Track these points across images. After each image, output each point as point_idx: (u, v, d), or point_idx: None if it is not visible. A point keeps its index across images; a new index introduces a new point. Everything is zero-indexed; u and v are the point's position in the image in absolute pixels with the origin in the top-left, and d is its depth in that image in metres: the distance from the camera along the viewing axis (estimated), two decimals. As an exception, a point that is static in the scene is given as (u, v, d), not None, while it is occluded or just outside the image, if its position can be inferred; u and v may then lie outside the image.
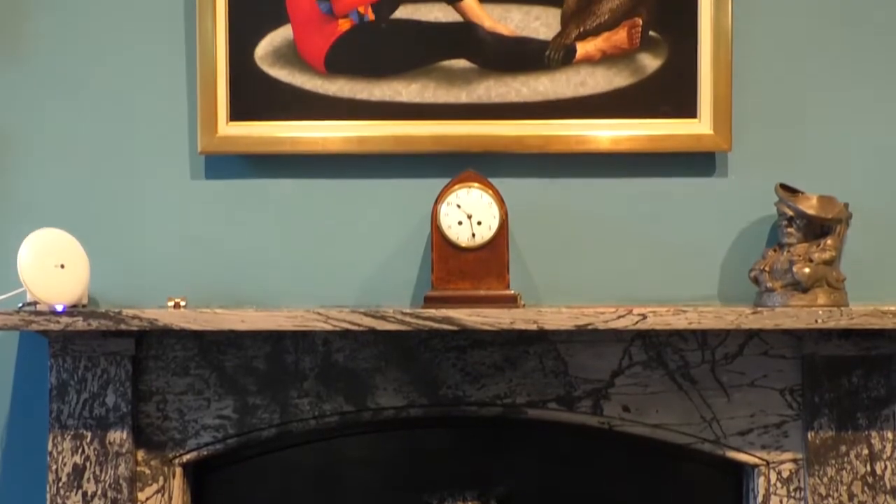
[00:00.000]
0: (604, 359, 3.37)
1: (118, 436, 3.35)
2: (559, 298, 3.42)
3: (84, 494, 3.34)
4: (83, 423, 3.35)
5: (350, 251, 3.45)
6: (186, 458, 3.39)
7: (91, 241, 3.35)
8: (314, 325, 3.23)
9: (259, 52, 3.44)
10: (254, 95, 3.44)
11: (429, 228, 3.34)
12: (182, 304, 3.32)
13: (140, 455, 3.38)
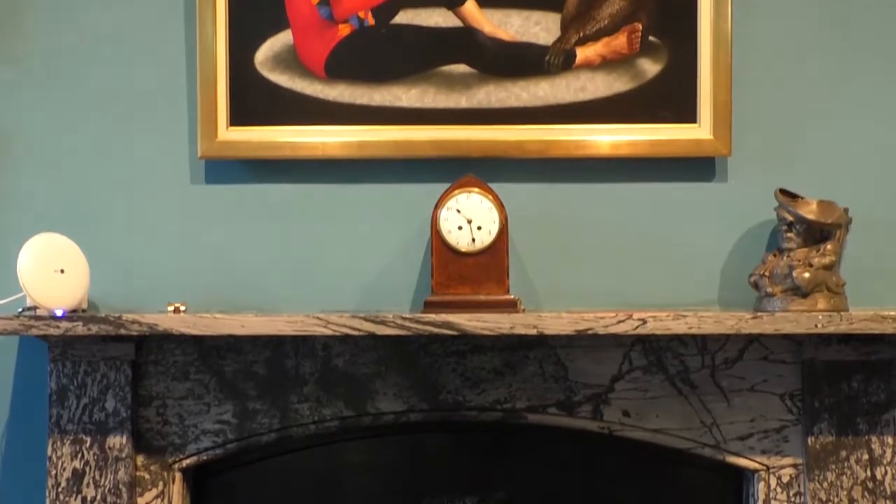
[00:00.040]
0: (604, 364, 3.36)
1: (118, 441, 3.35)
2: (559, 303, 3.42)
3: (84, 499, 3.34)
4: (83, 428, 3.35)
5: (350, 256, 3.45)
6: (186, 463, 3.38)
7: (91, 246, 3.35)
8: (314, 330, 3.23)
9: (259, 57, 3.44)
10: (254, 100, 3.44)
11: (429, 233, 3.34)
12: (182, 309, 3.32)
13: (140, 460, 3.37)
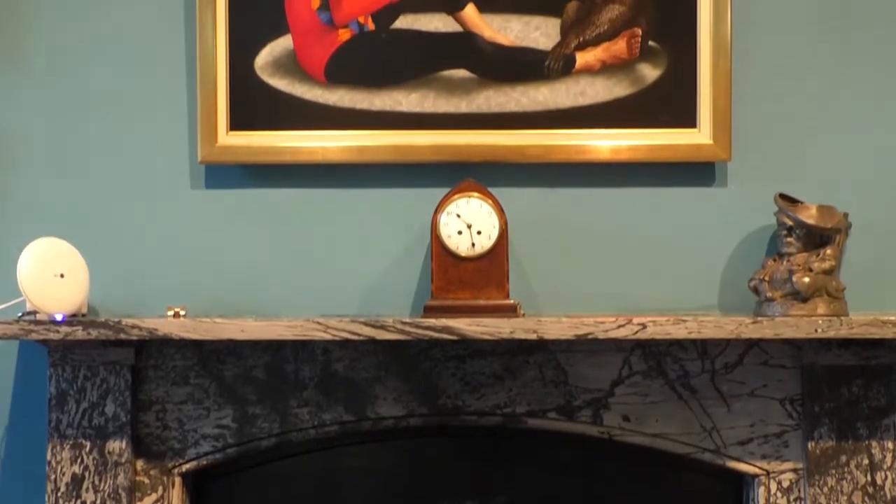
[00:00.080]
0: (604, 368, 3.36)
1: (117, 445, 3.35)
2: (559, 308, 3.42)
3: (83, 504, 3.35)
4: (82, 433, 3.35)
5: (350, 260, 3.45)
6: (186, 468, 3.38)
7: (91, 251, 3.35)
8: (314, 335, 3.23)
9: (259, 62, 3.44)
10: (254, 105, 3.44)
11: (429, 238, 3.34)
12: (182, 314, 3.32)
13: (139, 465, 3.37)
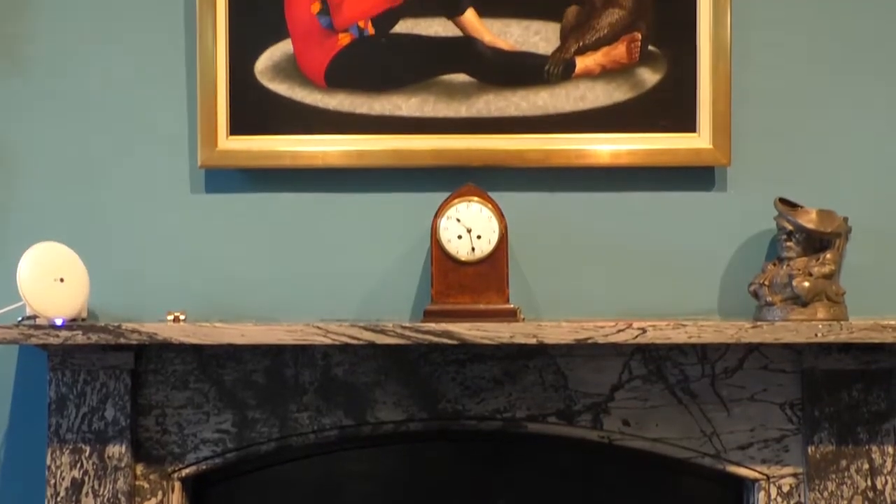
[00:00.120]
0: (603, 373, 3.36)
1: (117, 450, 3.34)
2: (559, 312, 3.42)
3: (83, 509, 3.35)
4: (82, 437, 3.35)
5: (349, 265, 3.45)
6: (185, 473, 3.38)
7: (91, 255, 3.35)
8: (314, 339, 3.22)
9: (259, 67, 3.44)
10: (254, 110, 3.44)
11: (428, 242, 3.34)
12: (181, 318, 3.32)
13: (139, 469, 3.37)
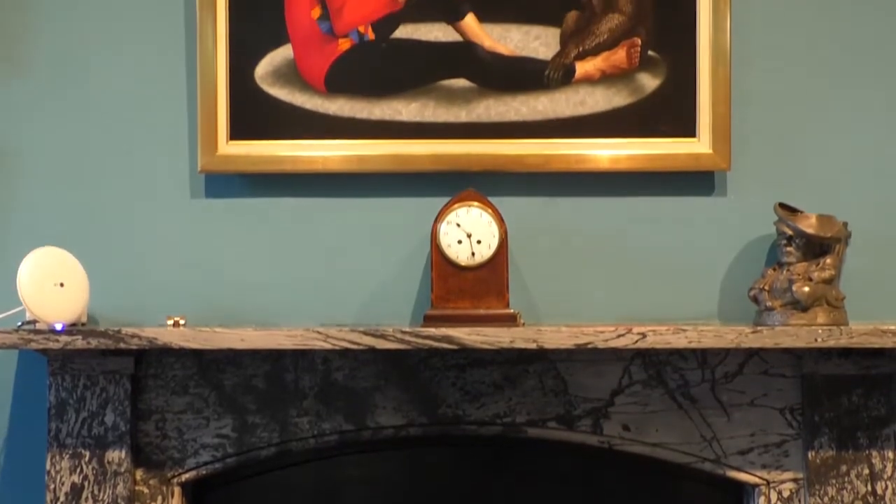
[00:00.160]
0: (604, 378, 3.36)
1: (117, 455, 3.34)
2: (559, 317, 3.42)
3: (82, 514, 3.34)
4: (82, 442, 3.34)
5: (350, 270, 3.45)
6: (185, 478, 3.38)
7: (91, 260, 3.35)
8: (314, 344, 3.22)
9: (259, 72, 3.44)
10: (254, 114, 3.44)
11: (428, 247, 3.34)
12: (181, 323, 3.32)
13: (139, 474, 3.37)
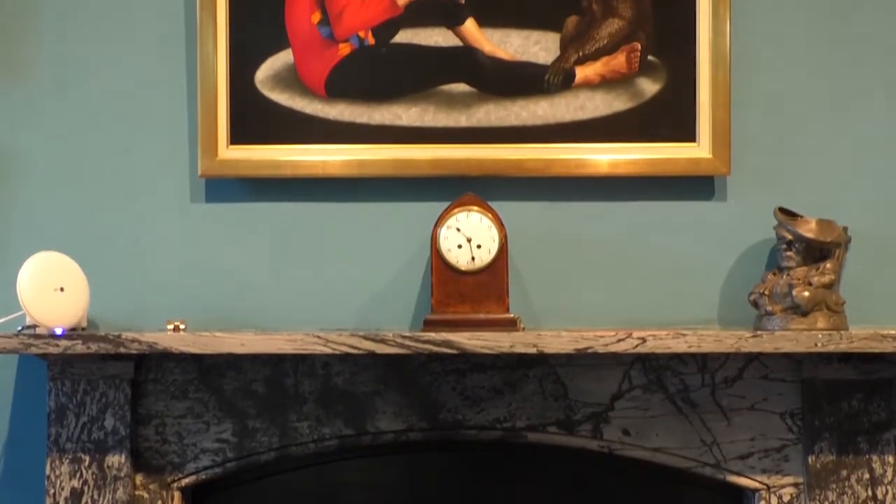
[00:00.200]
0: (604, 382, 3.36)
1: (117, 459, 3.34)
2: (559, 322, 3.42)
3: (82, 518, 3.34)
4: (81, 447, 3.34)
5: (350, 274, 3.45)
6: (185, 482, 3.37)
7: (91, 264, 3.35)
8: (314, 349, 3.22)
9: (259, 76, 3.44)
10: (254, 119, 3.44)
11: (428, 252, 3.34)
12: (181, 328, 3.32)
13: (139, 479, 3.37)
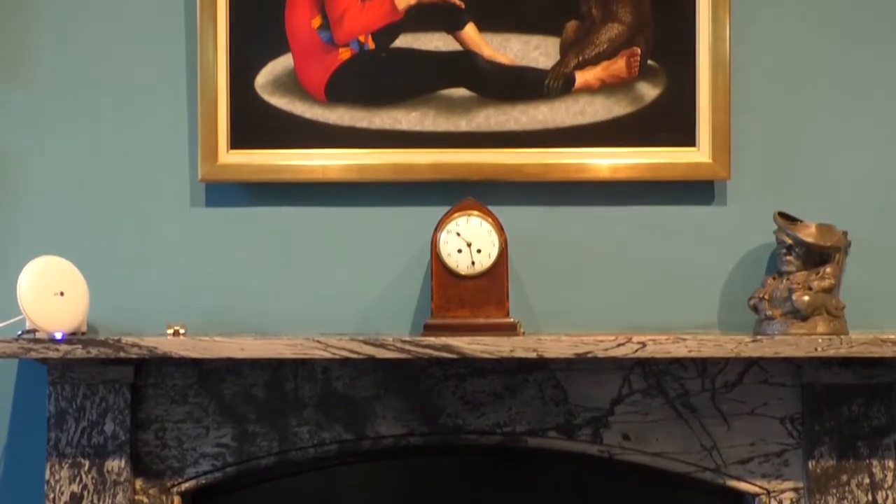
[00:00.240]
0: (603, 387, 3.36)
1: (116, 464, 3.34)
2: (559, 326, 3.42)
3: (82, 523, 3.34)
4: (81, 452, 3.34)
5: (350, 279, 3.45)
6: (185, 487, 3.37)
7: (91, 269, 3.35)
8: (313, 353, 3.22)
9: (260, 81, 3.45)
10: (254, 124, 3.44)
11: (428, 256, 3.34)
12: (181, 332, 3.32)
13: (138, 484, 3.36)
